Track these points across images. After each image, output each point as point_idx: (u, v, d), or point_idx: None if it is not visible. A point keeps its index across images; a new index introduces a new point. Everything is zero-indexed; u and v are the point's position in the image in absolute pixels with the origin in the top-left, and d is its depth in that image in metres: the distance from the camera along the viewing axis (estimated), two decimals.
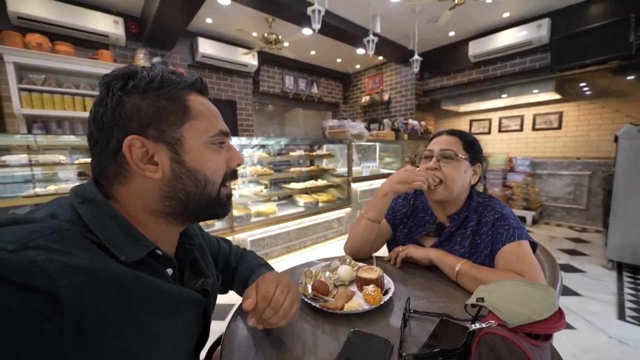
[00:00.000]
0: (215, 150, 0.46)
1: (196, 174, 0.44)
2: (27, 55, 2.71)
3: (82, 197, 0.39)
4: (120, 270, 0.35)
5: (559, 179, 3.77)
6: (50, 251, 0.30)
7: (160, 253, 0.42)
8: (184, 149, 0.42)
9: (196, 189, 0.44)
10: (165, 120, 0.41)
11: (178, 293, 0.43)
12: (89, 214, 0.38)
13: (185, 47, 4.00)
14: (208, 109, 0.46)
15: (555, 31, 3.54)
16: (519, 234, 0.74)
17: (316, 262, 0.88)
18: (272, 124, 6.09)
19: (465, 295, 0.68)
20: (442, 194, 0.82)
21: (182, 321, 0.43)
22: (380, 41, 3.77)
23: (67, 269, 0.30)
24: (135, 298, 0.36)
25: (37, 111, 2.80)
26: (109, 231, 0.37)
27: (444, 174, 0.82)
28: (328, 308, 0.60)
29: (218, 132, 0.46)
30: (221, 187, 0.47)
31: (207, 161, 0.45)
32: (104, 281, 0.33)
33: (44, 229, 0.32)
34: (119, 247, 0.37)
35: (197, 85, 0.46)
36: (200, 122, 0.44)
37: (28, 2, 2.75)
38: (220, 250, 0.71)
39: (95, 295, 0.31)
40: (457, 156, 0.82)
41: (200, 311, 0.48)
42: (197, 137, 0.43)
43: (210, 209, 0.47)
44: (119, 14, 3.29)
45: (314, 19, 2.65)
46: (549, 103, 4.15)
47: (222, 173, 0.47)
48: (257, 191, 2.76)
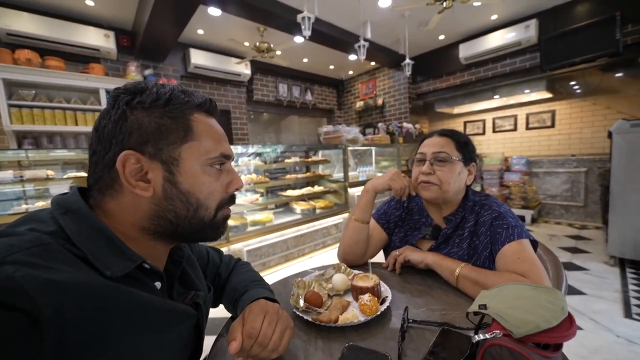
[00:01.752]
0: (212, 173, 0.44)
1: (188, 196, 0.42)
2: (16, 71, 2.69)
3: (65, 208, 0.37)
4: (105, 285, 0.34)
5: (556, 176, 3.77)
6: (30, 266, 0.28)
7: (147, 267, 0.40)
8: (179, 170, 0.41)
9: (187, 212, 0.42)
10: (164, 139, 0.40)
11: (168, 307, 0.41)
12: (73, 226, 0.36)
13: (177, 59, 4.00)
14: (213, 130, 0.45)
15: (543, 31, 3.59)
16: (518, 232, 0.71)
17: (310, 272, 0.84)
18: (267, 132, 6.09)
19: (467, 301, 0.64)
20: (435, 192, 0.80)
21: (173, 336, 0.41)
22: (372, 46, 3.80)
23: (47, 285, 0.28)
24: (122, 314, 0.34)
25: (28, 127, 2.77)
26: (93, 244, 0.36)
27: (439, 178, 0.79)
28: (321, 321, 0.56)
29: (219, 155, 0.44)
30: (217, 211, 0.45)
31: (201, 184, 0.43)
32: (88, 297, 0.31)
33: (23, 242, 0.31)
34: (104, 261, 0.35)
35: (205, 106, 0.45)
36: (201, 143, 0.43)
37: (18, 19, 2.75)
38: (210, 261, 0.67)
39: (78, 313, 0.30)
40: (451, 158, 0.79)
41: (192, 325, 0.46)
42: (195, 159, 0.42)
43: (201, 232, 0.45)
44: (110, 27, 3.29)
45: (304, 26, 2.66)
46: (541, 102, 4.18)
47: (218, 197, 0.45)
48: (253, 199, 2.72)
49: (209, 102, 0.46)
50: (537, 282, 0.60)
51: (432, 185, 0.79)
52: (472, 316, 0.46)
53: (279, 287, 0.77)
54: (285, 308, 0.65)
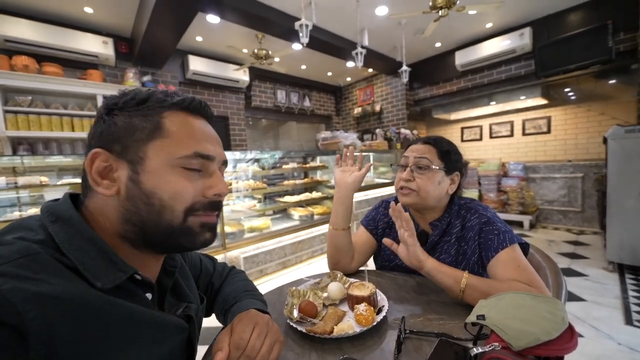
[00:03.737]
0: (183, 173, 0.40)
1: (150, 197, 0.38)
2: (13, 77, 2.68)
3: (56, 215, 0.36)
4: (96, 298, 0.33)
5: (553, 182, 3.78)
6: (17, 279, 0.27)
7: (139, 278, 0.39)
8: (143, 168, 0.38)
9: (149, 215, 0.38)
10: (131, 137, 0.39)
11: (160, 320, 0.40)
12: (63, 235, 0.35)
13: (176, 65, 4.02)
14: (189, 129, 0.41)
15: (537, 39, 3.65)
16: (510, 237, 0.70)
17: (306, 280, 0.83)
18: (266, 138, 6.09)
19: (465, 311, 0.63)
20: (413, 199, 0.79)
21: (165, 350, 0.40)
22: (369, 54, 3.84)
23: (35, 299, 0.27)
24: (112, 327, 0.33)
25: (23, 133, 2.75)
26: (84, 255, 0.34)
27: (417, 185, 0.78)
28: (315, 333, 0.54)
29: (191, 153, 0.40)
30: (188, 216, 0.40)
31: (166, 184, 0.39)
32: (77, 310, 0.30)
33: (11, 252, 0.30)
34: (94, 272, 0.34)
35: (183, 104, 0.42)
36: (171, 141, 0.40)
37: (16, 25, 2.75)
38: (203, 270, 0.65)
39: (68, 327, 0.29)
40: (430, 167, 0.78)
41: (184, 339, 0.45)
42: (162, 157, 0.39)
43: (172, 239, 0.40)
44: (108, 34, 3.31)
45: (302, 34, 2.69)
46: (537, 108, 4.23)
47: (186, 200, 0.40)
48: (251, 206, 2.70)
49: (189, 101, 0.43)
50: (540, 291, 0.59)
51: (410, 192, 0.79)
52: (470, 327, 0.45)
53: (273, 297, 0.76)
54: (278, 318, 0.64)
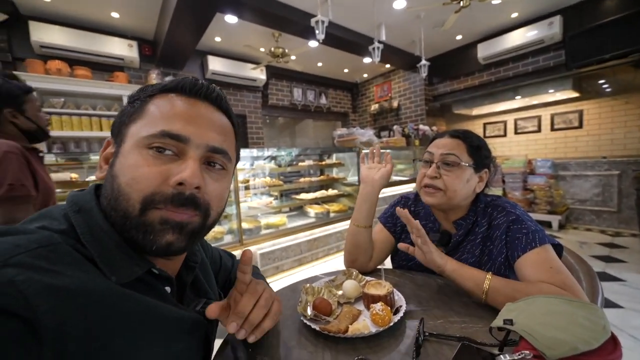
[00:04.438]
0: (147, 155, 0.36)
1: (113, 180, 0.36)
2: (48, 80, 2.86)
3: (79, 206, 0.36)
4: (112, 291, 0.32)
5: (585, 180, 3.54)
6: (33, 269, 0.27)
7: (156, 272, 0.38)
8: (121, 150, 0.38)
9: (110, 200, 0.36)
10: (122, 122, 0.40)
11: (177, 315, 0.39)
12: (84, 226, 0.34)
13: (195, 66, 4.13)
14: (167, 107, 0.38)
15: (568, 28, 3.41)
16: (540, 237, 0.65)
17: (321, 277, 0.81)
18: (282, 136, 6.14)
19: (489, 314, 0.59)
20: (439, 199, 0.74)
21: (181, 346, 0.39)
22: (386, 49, 3.75)
23: (49, 291, 0.27)
24: (128, 321, 0.32)
25: (57, 132, 2.92)
26: (103, 247, 0.34)
27: (444, 183, 0.73)
28: (329, 331, 0.53)
29: (157, 132, 0.36)
30: (147, 208, 0.35)
31: (127, 167, 0.36)
32: (93, 304, 0.29)
33: (30, 242, 0.29)
34: (111, 266, 0.33)
35: (171, 85, 0.40)
36: (144, 121, 0.37)
37: (50, 32, 2.93)
38: (222, 266, 0.66)
39: (81, 321, 0.28)
40: (459, 163, 0.73)
41: (201, 335, 0.44)
42: (134, 137, 0.37)
43: (128, 233, 0.35)
44: (133, 37, 3.45)
45: (318, 30, 2.67)
46: (567, 102, 3.96)
47: (145, 188, 0.35)
48: (267, 203, 2.73)
49: (177, 82, 0.40)
50: (577, 296, 0.54)
51: (437, 191, 0.74)
52: (496, 331, 0.42)
53: (288, 293, 0.75)
54: (292, 315, 0.63)
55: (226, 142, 0.42)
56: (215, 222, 0.43)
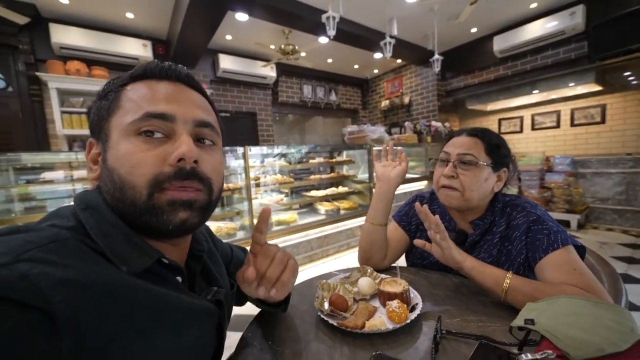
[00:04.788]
0: (138, 142, 0.36)
1: (112, 173, 0.36)
2: (67, 80, 2.97)
3: (86, 203, 0.37)
4: (123, 282, 0.33)
5: (607, 177, 3.39)
6: (45, 263, 0.28)
7: (166, 262, 0.39)
8: (108, 146, 0.37)
9: (113, 193, 0.36)
10: (101, 118, 0.39)
11: (188, 304, 0.39)
12: (92, 221, 0.35)
13: (207, 64, 4.18)
14: (143, 93, 0.38)
15: (591, 18, 3.26)
16: (562, 238, 0.63)
17: (335, 273, 0.82)
18: (292, 133, 6.16)
19: (508, 313, 0.58)
20: (456, 200, 0.73)
21: (194, 335, 0.40)
22: (398, 43, 3.69)
23: (62, 283, 0.27)
24: (140, 311, 0.33)
25: (76, 131, 3.04)
26: (111, 240, 0.35)
27: (462, 182, 0.72)
28: (346, 327, 0.53)
29: (142, 115, 0.36)
30: (154, 192, 0.36)
31: (122, 157, 0.36)
32: (104, 294, 0.30)
33: (41, 238, 0.30)
34: (121, 257, 0.34)
35: (140, 71, 0.39)
36: (124, 110, 0.37)
37: (69, 33, 3.03)
38: (234, 257, 0.67)
39: (94, 311, 0.29)
40: (477, 162, 0.71)
41: (213, 324, 0.45)
42: (118, 129, 0.37)
43: (139, 220, 0.36)
44: (147, 37, 3.53)
45: (329, 26, 2.65)
46: (589, 96, 3.81)
47: (148, 172, 0.35)
48: (278, 200, 2.76)
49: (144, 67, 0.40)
50: (601, 298, 0.53)
51: (454, 192, 0.73)
52: (515, 331, 0.41)
53: (303, 289, 0.76)
54: (309, 310, 0.64)
55: (210, 116, 0.43)
56: (219, 198, 0.43)
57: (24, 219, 1.87)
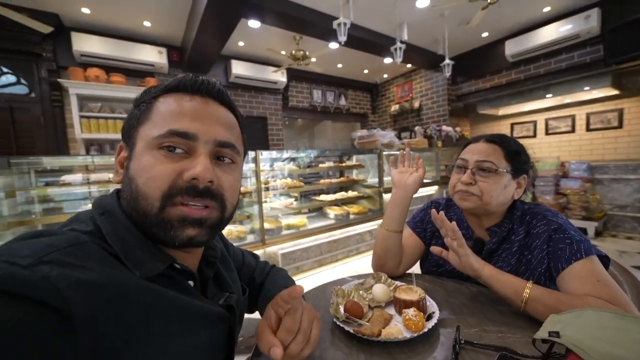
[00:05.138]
0: (159, 156, 0.38)
1: (131, 182, 0.38)
2: (87, 87, 3.08)
3: (103, 208, 0.39)
4: (137, 285, 0.34)
5: (625, 184, 3.29)
6: (64, 266, 0.29)
7: (178, 267, 0.40)
8: (134, 153, 0.39)
9: (130, 201, 0.38)
10: (131, 126, 0.41)
11: (199, 309, 0.40)
12: (108, 226, 0.37)
13: (220, 70, 4.27)
14: (172, 107, 0.39)
15: (607, 21, 3.19)
16: (586, 248, 0.61)
17: (348, 280, 0.82)
18: (301, 137, 6.21)
19: (528, 324, 0.57)
20: (474, 203, 0.72)
21: (205, 339, 0.40)
22: (408, 48, 3.70)
23: (80, 285, 0.29)
24: (153, 314, 0.34)
25: (94, 135, 3.14)
26: (126, 245, 0.36)
27: (481, 189, 0.71)
28: (363, 334, 0.53)
29: (166, 132, 0.37)
30: (166, 205, 0.37)
31: (142, 168, 0.38)
32: (119, 296, 0.31)
33: (61, 242, 0.32)
34: (135, 261, 0.35)
35: (173, 84, 0.41)
36: (152, 122, 0.39)
37: (89, 41, 3.16)
38: (245, 263, 0.67)
39: (110, 312, 0.30)
40: (496, 170, 0.70)
41: (225, 329, 0.45)
42: (143, 140, 0.39)
43: (150, 231, 0.38)
44: (162, 44, 3.63)
45: (340, 32, 2.68)
46: (605, 100, 3.71)
47: (162, 185, 0.37)
48: (288, 204, 2.78)
49: (178, 81, 0.41)
50: (628, 311, 0.51)
51: (471, 196, 0.72)
52: (539, 343, 0.41)
53: (317, 294, 0.77)
54: (324, 316, 0.64)
55: (233, 135, 0.43)
56: (232, 214, 0.44)
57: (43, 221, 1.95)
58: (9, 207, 1.91)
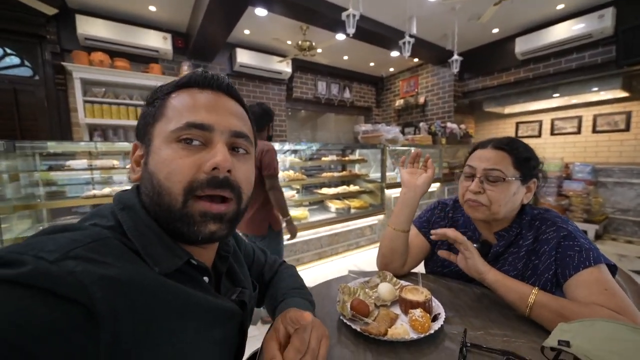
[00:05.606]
0: (177, 149, 0.38)
1: (152, 178, 0.38)
2: (91, 71, 3.05)
3: (123, 204, 0.39)
4: (156, 281, 0.34)
5: (629, 188, 3.28)
6: (88, 261, 0.30)
7: (195, 263, 0.41)
8: (151, 150, 0.40)
9: (152, 197, 0.38)
10: (147, 123, 0.41)
11: (215, 305, 0.41)
12: (129, 222, 0.37)
13: (224, 58, 4.21)
14: (186, 101, 0.40)
15: (621, 21, 3.12)
16: (595, 256, 0.61)
17: (352, 276, 0.83)
18: (304, 129, 6.17)
19: (534, 329, 0.58)
20: (483, 214, 0.72)
21: (219, 334, 0.41)
22: (417, 42, 3.63)
23: (103, 281, 0.29)
24: (170, 310, 0.35)
25: (98, 120, 3.12)
26: (145, 240, 0.37)
27: (489, 198, 0.70)
28: (370, 333, 0.54)
29: (183, 125, 0.38)
30: (189, 199, 0.37)
31: (162, 163, 0.38)
32: (140, 292, 0.32)
33: (85, 237, 0.32)
34: (154, 257, 0.36)
35: (183, 81, 0.42)
36: (168, 117, 0.40)
37: (94, 25, 3.10)
38: (255, 260, 0.68)
39: (130, 308, 0.31)
40: (505, 178, 0.69)
41: (237, 324, 0.46)
42: (161, 135, 0.39)
43: (174, 227, 0.38)
44: (167, 30, 3.57)
45: (349, 24, 2.63)
46: (613, 102, 3.66)
47: (184, 179, 0.37)
48: (289, 196, 2.78)
49: (189, 76, 0.42)
50: (636, 322, 0.52)
51: (480, 206, 0.71)
52: (547, 351, 0.41)
53: (323, 289, 0.78)
54: (330, 313, 0.65)
55: (245, 126, 0.44)
56: (247, 206, 0.44)
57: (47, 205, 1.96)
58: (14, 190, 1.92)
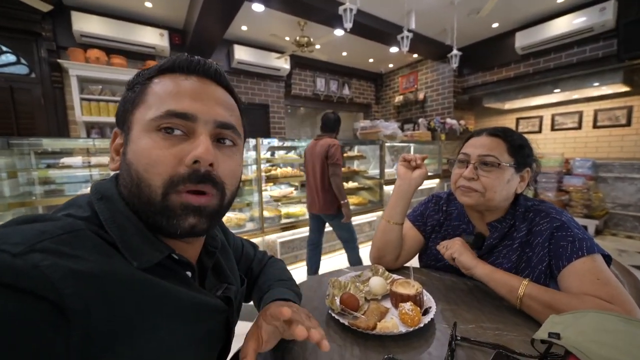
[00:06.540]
0: (157, 139, 0.35)
1: (130, 168, 0.36)
2: (87, 68, 3.03)
3: (101, 193, 0.37)
4: (133, 276, 0.32)
5: (630, 183, 3.26)
6: (57, 255, 0.28)
7: (176, 257, 0.39)
8: (130, 138, 0.37)
9: (131, 188, 0.36)
10: (126, 110, 0.39)
11: (198, 301, 0.39)
12: (107, 212, 0.35)
13: (222, 55, 4.19)
14: (168, 87, 0.37)
15: (623, 14, 3.08)
16: (588, 246, 0.60)
17: (346, 271, 0.82)
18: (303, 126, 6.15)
19: (526, 322, 0.57)
20: (476, 199, 0.70)
21: (202, 331, 0.40)
22: (415, 38, 3.59)
23: (72, 276, 0.27)
24: (148, 305, 0.33)
25: (95, 118, 3.11)
26: (124, 233, 0.35)
27: (483, 184, 0.69)
28: (358, 327, 0.53)
29: (163, 113, 0.35)
30: (169, 193, 0.35)
31: (140, 152, 0.35)
32: (114, 287, 0.30)
33: (55, 229, 0.30)
34: (133, 250, 0.34)
35: (167, 64, 0.39)
36: (148, 104, 0.37)
37: (90, 21, 3.08)
38: (244, 254, 0.66)
39: (104, 304, 0.29)
40: (499, 164, 0.68)
41: (222, 321, 0.45)
42: (139, 123, 0.36)
43: (153, 219, 0.36)
44: (164, 27, 3.54)
45: (346, 18, 2.60)
46: (614, 97, 3.63)
47: (164, 171, 0.35)
48: (288, 193, 2.77)
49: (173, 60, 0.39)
50: (630, 313, 0.50)
51: (472, 192, 0.70)
52: (537, 343, 0.40)
53: (314, 284, 0.76)
54: (319, 307, 0.64)
55: (233, 117, 0.41)
56: (231, 201, 0.42)
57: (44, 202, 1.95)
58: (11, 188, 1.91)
